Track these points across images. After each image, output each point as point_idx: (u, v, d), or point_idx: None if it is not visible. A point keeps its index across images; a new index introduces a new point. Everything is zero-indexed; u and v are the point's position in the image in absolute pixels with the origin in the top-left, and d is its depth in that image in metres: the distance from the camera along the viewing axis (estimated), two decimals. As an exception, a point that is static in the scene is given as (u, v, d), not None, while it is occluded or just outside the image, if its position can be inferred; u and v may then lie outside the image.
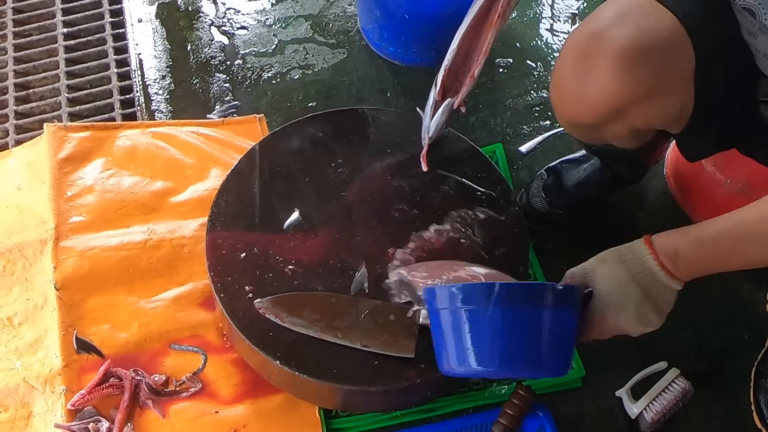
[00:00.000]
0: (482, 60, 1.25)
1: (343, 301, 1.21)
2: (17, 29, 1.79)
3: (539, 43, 1.84)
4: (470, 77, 1.27)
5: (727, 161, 1.38)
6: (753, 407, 1.30)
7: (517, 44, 1.83)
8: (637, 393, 1.29)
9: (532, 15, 1.90)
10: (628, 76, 1.00)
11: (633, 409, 1.27)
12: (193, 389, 1.25)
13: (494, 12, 1.23)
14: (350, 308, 1.21)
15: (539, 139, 1.65)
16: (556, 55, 1.80)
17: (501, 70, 1.78)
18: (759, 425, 1.28)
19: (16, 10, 1.82)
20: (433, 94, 1.31)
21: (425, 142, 1.34)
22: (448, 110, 1.30)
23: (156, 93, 1.70)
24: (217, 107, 1.65)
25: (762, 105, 1.10)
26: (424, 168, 1.34)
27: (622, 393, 1.30)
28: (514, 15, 1.88)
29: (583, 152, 1.52)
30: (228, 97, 1.68)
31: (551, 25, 1.87)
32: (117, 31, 1.81)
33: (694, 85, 1.06)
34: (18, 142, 1.59)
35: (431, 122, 1.32)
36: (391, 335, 1.17)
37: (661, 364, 1.31)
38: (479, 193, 1.33)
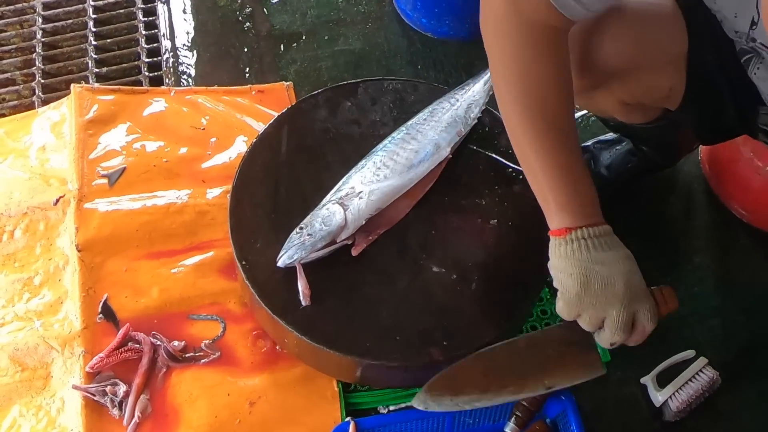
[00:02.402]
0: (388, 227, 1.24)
1: (497, 353, 1.07)
2: (47, -12, 1.78)
3: (575, 19, 1.79)
4: (375, 234, 1.22)
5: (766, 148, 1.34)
6: None
7: (553, 20, 1.79)
8: (662, 381, 1.26)
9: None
10: (604, 51, 1.02)
11: (658, 397, 1.25)
12: (211, 356, 1.24)
13: (421, 190, 1.26)
14: (509, 354, 1.06)
15: (572, 117, 1.61)
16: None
17: (535, 46, 1.74)
18: None
19: (46, -31, 1.81)
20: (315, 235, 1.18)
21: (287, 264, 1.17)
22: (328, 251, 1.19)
23: (183, 57, 1.68)
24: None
25: (761, 133, 1.08)
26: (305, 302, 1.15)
27: (647, 380, 1.27)
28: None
29: (614, 136, 1.48)
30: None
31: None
32: (146, -7, 1.79)
33: (686, 70, 1.06)
34: (44, 102, 1.58)
35: (303, 254, 1.16)
36: (572, 361, 1.04)
37: (689, 353, 1.28)
38: (510, 169, 1.30)
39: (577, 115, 1.61)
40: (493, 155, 1.32)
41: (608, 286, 0.93)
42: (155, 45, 1.70)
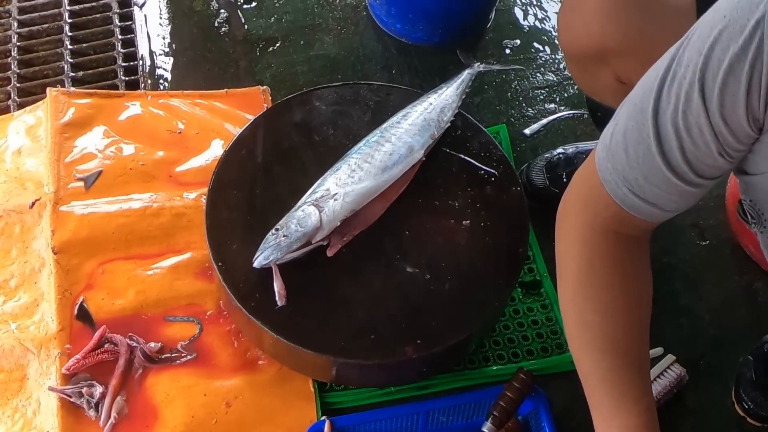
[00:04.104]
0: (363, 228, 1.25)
1: None
2: (22, -8, 1.78)
3: (547, 26, 1.82)
4: (350, 235, 1.24)
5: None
6: (733, 395, 1.30)
7: (525, 27, 1.82)
8: (631, 377, 1.29)
9: (541, -3, 1.88)
10: (607, 22, 1.00)
11: (627, 393, 1.27)
12: (187, 357, 1.25)
13: (395, 192, 1.28)
14: None
15: (544, 122, 1.64)
16: (563, 38, 1.78)
17: (507, 51, 1.77)
18: (740, 411, 1.29)
19: (21, -27, 1.81)
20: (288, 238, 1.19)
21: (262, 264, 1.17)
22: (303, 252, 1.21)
23: (159, 61, 1.69)
24: None
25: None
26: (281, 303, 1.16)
27: (617, 377, 1.30)
28: (523, -3, 1.88)
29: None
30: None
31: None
32: (122, -3, 1.79)
33: None
34: (20, 106, 1.58)
35: (279, 255, 1.17)
36: None
37: (658, 350, 1.31)
38: (482, 172, 1.33)
39: (549, 118, 1.65)
40: (466, 158, 1.35)
41: None
42: (131, 49, 1.70)
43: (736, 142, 0.74)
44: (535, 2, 1.86)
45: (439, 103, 1.38)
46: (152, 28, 1.74)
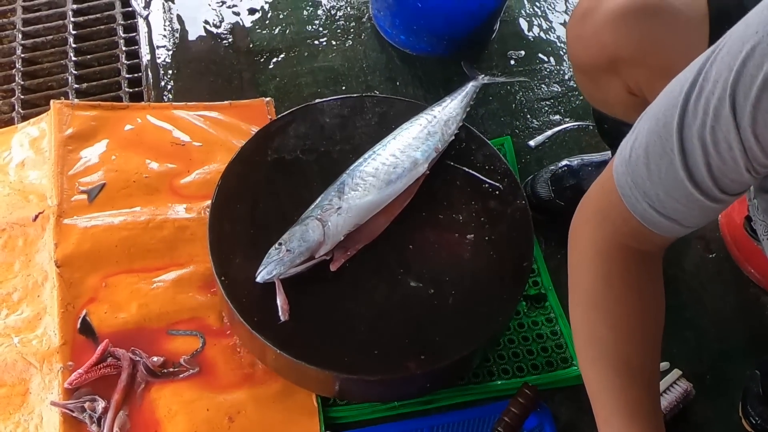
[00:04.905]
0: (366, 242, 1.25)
1: None
2: (26, 3, 1.78)
3: (552, 36, 1.82)
4: (354, 250, 1.23)
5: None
6: (740, 409, 1.29)
7: (530, 37, 1.81)
8: (637, 393, 1.27)
9: (545, 8, 1.88)
10: (619, 31, 0.99)
11: (633, 408, 1.26)
12: (190, 372, 1.25)
13: (399, 205, 1.28)
14: None
15: (548, 133, 1.64)
16: (568, 49, 1.78)
17: (512, 62, 1.76)
18: (747, 427, 1.28)
19: (25, -15, 1.81)
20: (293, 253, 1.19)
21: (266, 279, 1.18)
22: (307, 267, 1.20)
23: (163, 73, 1.69)
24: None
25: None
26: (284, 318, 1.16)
27: (623, 392, 1.29)
28: (527, 7, 1.87)
29: (605, 157, 1.49)
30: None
31: (564, 20, 1.85)
32: (126, 9, 1.79)
33: None
34: (24, 117, 1.58)
35: (282, 270, 1.17)
36: None
37: (664, 365, 1.30)
38: (486, 185, 1.32)
39: (554, 130, 1.64)
40: (470, 171, 1.34)
41: None
42: (135, 61, 1.70)
43: (765, 157, 0.72)
44: (540, 13, 1.86)
45: (444, 115, 1.37)
46: (156, 40, 1.74)
